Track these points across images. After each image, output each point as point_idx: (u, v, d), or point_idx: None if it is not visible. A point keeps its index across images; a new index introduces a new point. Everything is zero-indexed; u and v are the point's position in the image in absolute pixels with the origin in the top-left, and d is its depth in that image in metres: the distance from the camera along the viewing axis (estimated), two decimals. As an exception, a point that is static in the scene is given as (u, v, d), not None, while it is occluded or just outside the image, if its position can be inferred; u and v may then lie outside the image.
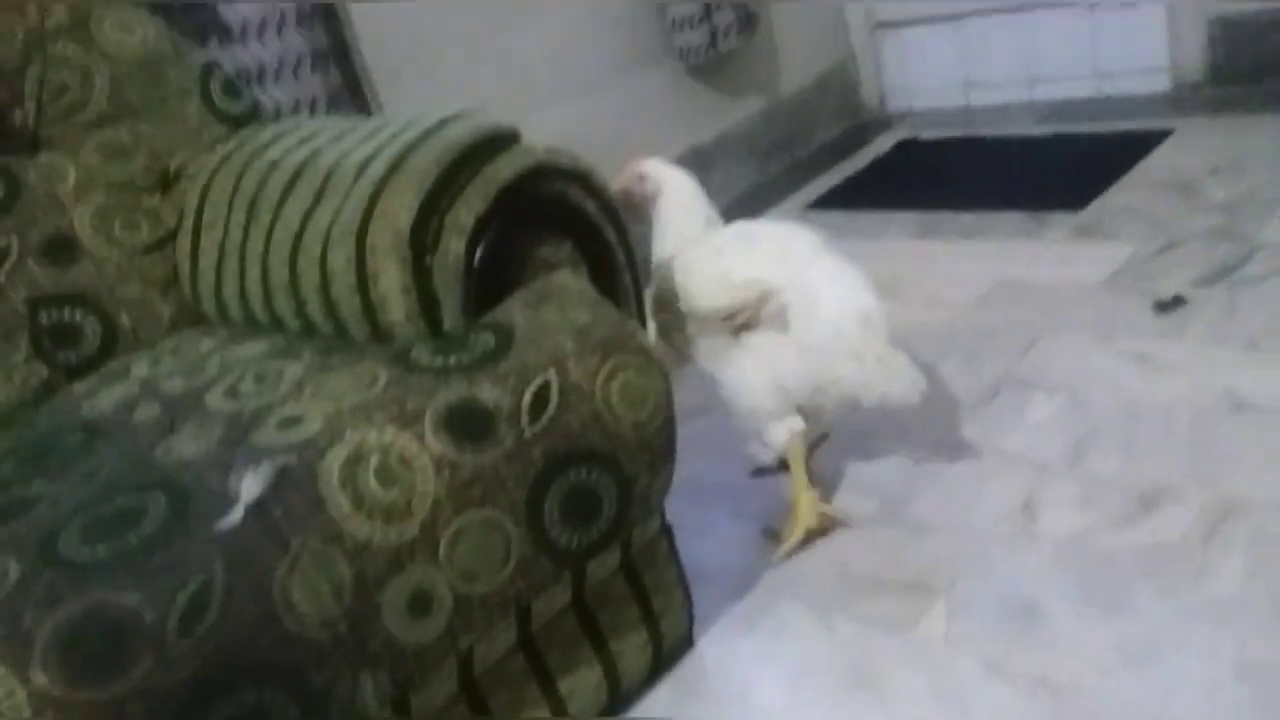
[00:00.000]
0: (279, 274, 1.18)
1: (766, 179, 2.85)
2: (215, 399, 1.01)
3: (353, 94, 1.91)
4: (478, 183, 1.06)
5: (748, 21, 2.61)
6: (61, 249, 1.30)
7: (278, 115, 1.62)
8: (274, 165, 1.27)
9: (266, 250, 1.21)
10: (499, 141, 1.11)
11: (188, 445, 0.93)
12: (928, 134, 2.87)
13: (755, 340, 1.34)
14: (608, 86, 2.48)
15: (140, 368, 1.18)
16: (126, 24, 1.38)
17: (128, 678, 0.74)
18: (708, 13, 2.50)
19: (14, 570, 0.78)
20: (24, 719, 0.71)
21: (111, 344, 1.30)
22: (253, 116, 1.46)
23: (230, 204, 1.30)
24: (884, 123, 3.09)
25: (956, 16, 2.89)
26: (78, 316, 1.29)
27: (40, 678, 0.72)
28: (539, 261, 1.14)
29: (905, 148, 2.84)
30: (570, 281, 1.10)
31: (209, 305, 1.34)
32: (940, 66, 2.98)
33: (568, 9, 2.36)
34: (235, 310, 1.29)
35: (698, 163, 2.66)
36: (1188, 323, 1.62)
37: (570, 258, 1.16)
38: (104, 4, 1.38)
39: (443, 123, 1.13)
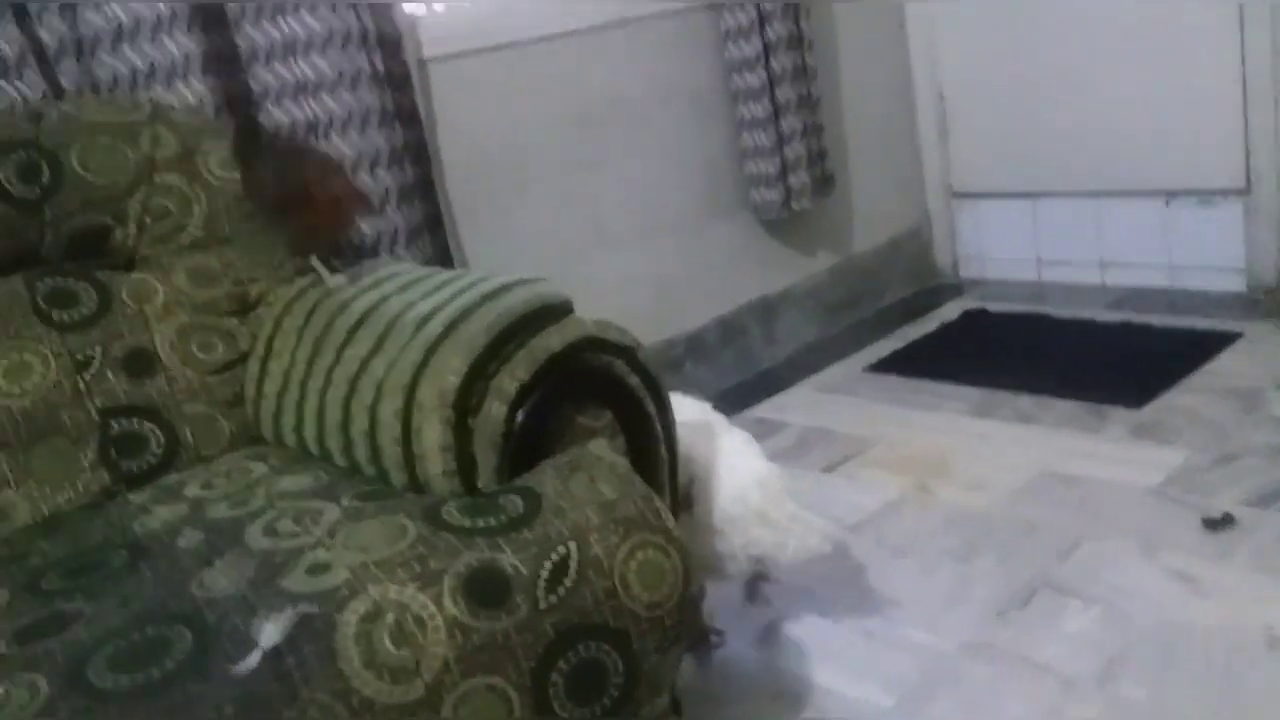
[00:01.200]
0: (333, 413, 1.24)
1: (830, 335, 2.89)
2: (254, 534, 1.06)
3: (433, 228, 2.01)
4: (525, 352, 1.12)
5: (824, 183, 2.69)
6: (140, 363, 1.39)
7: (359, 250, 1.71)
8: (343, 307, 1.34)
9: (325, 388, 1.27)
10: (551, 312, 1.16)
11: (221, 580, 0.97)
12: (996, 306, 2.89)
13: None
14: (681, 233, 2.56)
15: (193, 487, 1.24)
16: (227, 161, 1.48)
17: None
18: (784, 172, 2.59)
19: (44, 690, 0.83)
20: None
21: (172, 457, 1.37)
22: (337, 252, 1.55)
23: (299, 337, 1.38)
24: (955, 289, 3.12)
25: (1032, 194, 2.94)
26: (145, 428, 1.36)
27: (43, 807, 0.75)
28: (578, 427, 1.18)
29: (973, 317, 2.86)
30: (603, 453, 1.14)
31: (267, 429, 1.40)
32: (1014, 239, 3.03)
33: (649, 157, 2.46)
34: (290, 438, 1.35)
35: (764, 313, 2.72)
36: (1236, 545, 1.59)
37: (609, 427, 1.20)
38: (211, 140, 1.49)
39: (503, 288, 1.19)
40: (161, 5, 1.62)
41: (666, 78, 2.47)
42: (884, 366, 2.66)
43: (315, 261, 1.34)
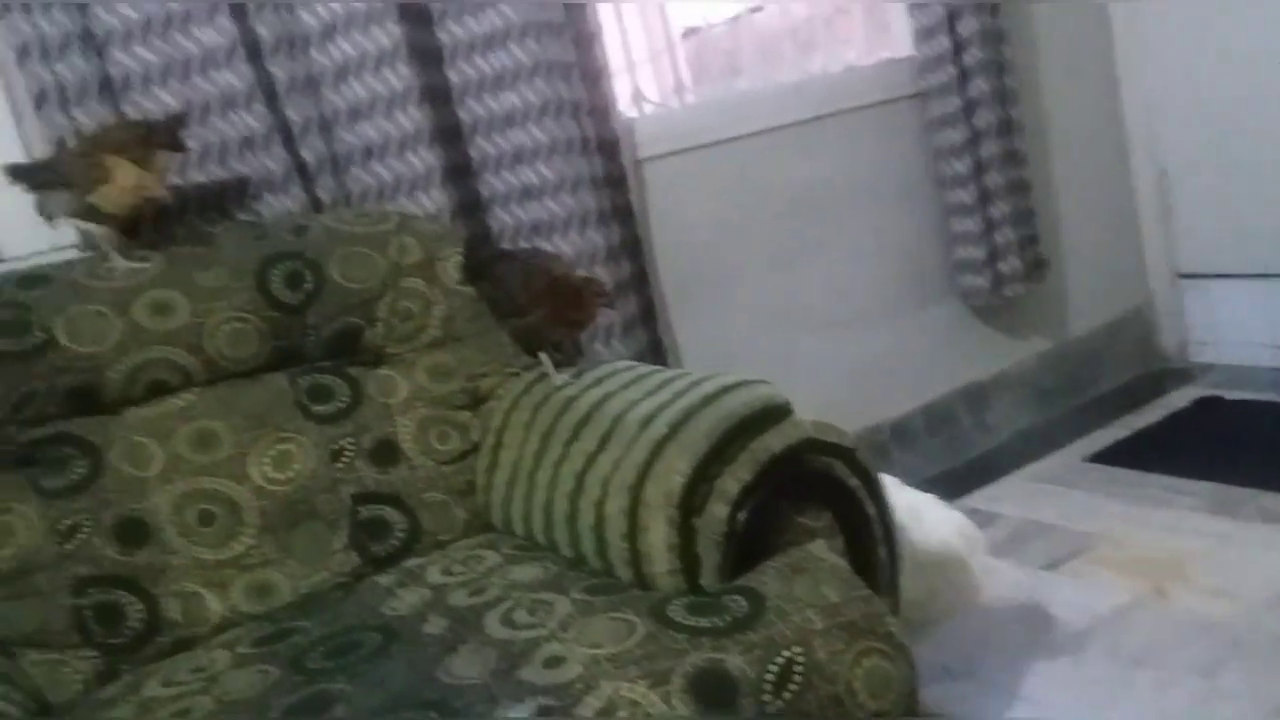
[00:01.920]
0: (560, 506, 1.31)
1: (1046, 423, 2.78)
2: (493, 623, 1.12)
3: (646, 320, 2.08)
4: (747, 455, 1.15)
5: (1036, 268, 2.62)
6: (386, 453, 1.50)
7: (578, 345, 1.79)
8: (568, 403, 1.41)
9: (553, 482, 1.34)
10: (771, 414, 1.19)
11: (465, 667, 1.04)
12: (1232, 393, 2.71)
13: None
14: (888, 319, 2.55)
15: (434, 572, 1.32)
16: (462, 266, 1.60)
17: None
18: (993, 258, 2.54)
19: (311, 768, 0.91)
20: None
21: (413, 542, 1.46)
22: (555, 347, 1.63)
23: (526, 431, 1.45)
24: (1183, 375, 2.95)
25: (1267, 275, 2.76)
26: (389, 514, 1.47)
27: None
28: (798, 528, 1.20)
29: (1206, 406, 2.69)
30: (825, 555, 1.15)
31: (497, 516, 1.48)
32: (1251, 322, 2.84)
33: (855, 244, 2.47)
34: (518, 526, 1.43)
35: (974, 400, 2.65)
36: None
37: (828, 527, 1.21)
38: (448, 247, 1.61)
39: (723, 390, 1.23)
40: (406, 123, 1.77)
41: (872, 166, 2.49)
42: (1106, 457, 2.53)
43: (544, 358, 1.41)
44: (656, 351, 2.11)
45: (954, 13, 2.38)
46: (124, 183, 1.43)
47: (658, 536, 1.14)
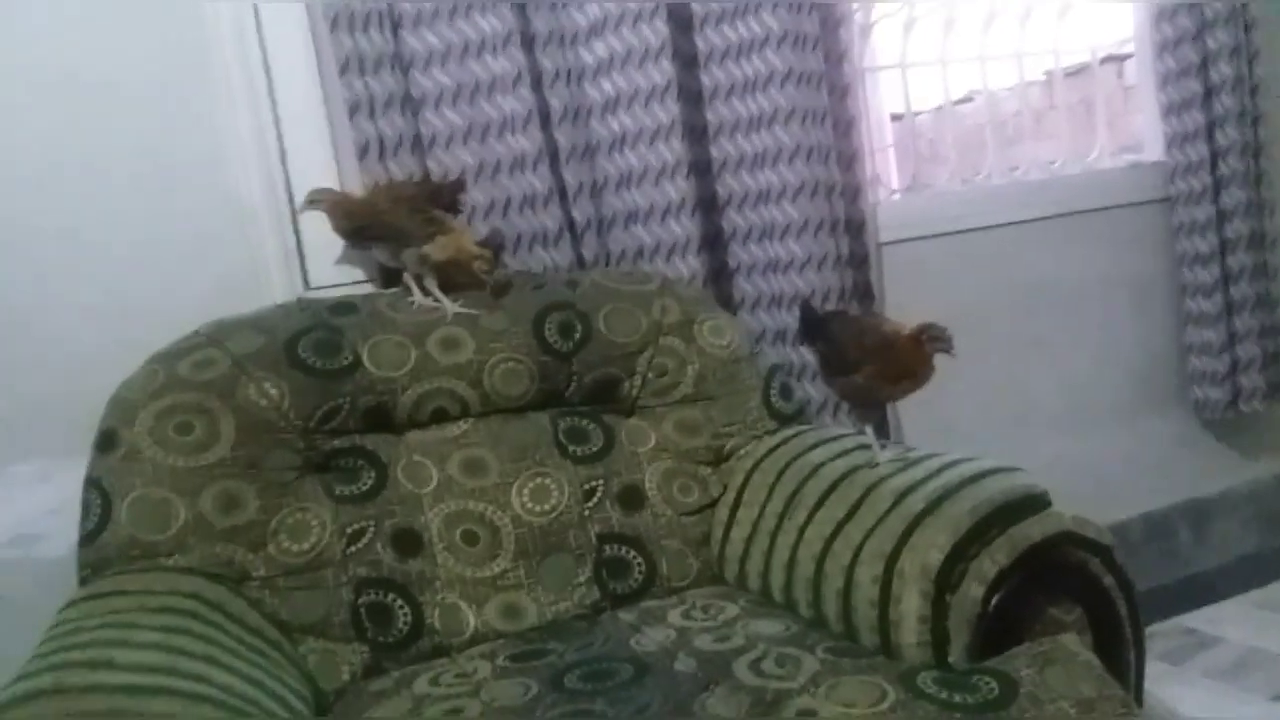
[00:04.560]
0: (805, 567, 1.36)
1: (1274, 549, 2.63)
2: (742, 669, 1.18)
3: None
4: (1006, 539, 1.17)
5: (1278, 385, 2.51)
6: (632, 498, 1.59)
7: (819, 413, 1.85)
8: (815, 470, 1.47)
9: (797, 543, 1.39)
10: (1032, 504, 1.21)
11: (720, 707, 1.10)
12: None
13: None
14: (1111, 424, 2.50)
15: (675, 615, 1.39)
16: (720, 330, 1.69)
17: None
18: (1234, 371, 2.45)
19: (583, 778, 0.98)
20: None
21: (649, 585, 1.54)
22: (799, 417, 1.69)
23: (770, 491, 1.52)
24: None
25: None
26: (630, 555, 1.55)
27: None
28: (1049, 619, 1.21)
29: None
30: (1079, 649, 1.15)
31: (730, 571, 1.54)
32: None
33: (1084, 344, 2.44)
34: (754, 582, 1.48)
35: (1196, 516, 2.55)
36: None
37: (1079, 622, 1.21)
38: (707, 311, 1.71)
39: (982, 474, 1.26)
40: (672, 192, 1.89)
41: (1109, 267, 2.46)
42: (1345, 593, 2.38)
43: (869, 432, 1.45)
44: (882, 432, 2.14)
45: (1213, 121, 2.35)
46: (455, 240, 1.62)
47: (910, 607, 1.17)
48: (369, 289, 1.77)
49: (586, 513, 1.56)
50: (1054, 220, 2.39)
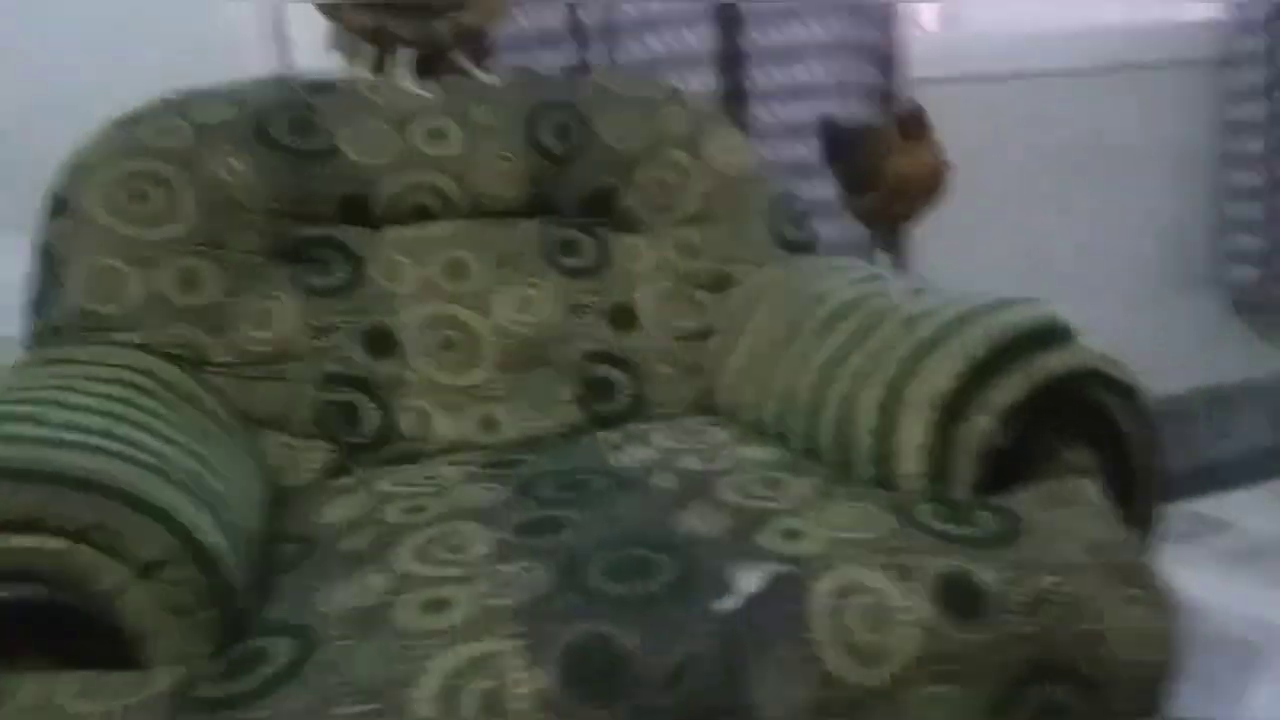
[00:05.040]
0: (802, 396, 1.26)
1: (1291, 444, 2.55)
2: (725, 489, 1.09)
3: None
4: (1022, 370, 1.07)
5: (1317, 271, 2.39)
6: (623, 318, 1.49)
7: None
8: (820, 298, 1.36)
9: (797, 371, 1.29)
10: (1055, 335, 1.10)
11: (697, 523, 1.01)
12: None
13: None
14: (1134, 299, 2.38)
15: (659, 438, 1.30)
16: (730, 147, 1.56)
17: (612, 708, 0.81)
18: (1274, 250, 2.32)
19: (545, 582, 0.90)
20: (522, 710, 0.80)
21: (637, 409, 1.45)
22: (809, 247, 1.57)
23: (771, 320, 1.41)
24: None
25: None
26: (617, 376, 1.46)
27: (543, 680, 0.82)
28: (1060, 462, 1.11)
29: None
30: (1092, 494, 1.06)
31: (723, 399, 1.45)
32: None
33: (1113, 212, 2.31)
34: (747, 413, 1.39)
35: (1217, 403, 2.45)
36: None
37: (1092, 468, 1.12)
38: (720, 126, 1.57)
39: (1001, 303, 1.15)
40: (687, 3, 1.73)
41: (1150, 132, 2.31)
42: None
43: (879, 258, 1.33)
44: (899, 265, 2.03)
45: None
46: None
47: (912, 436, 1.08)
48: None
49: (574, 329, 1.46)
50: (1097, 74, 2.23)
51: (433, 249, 1.44)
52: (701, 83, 1.76)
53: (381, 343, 1.38)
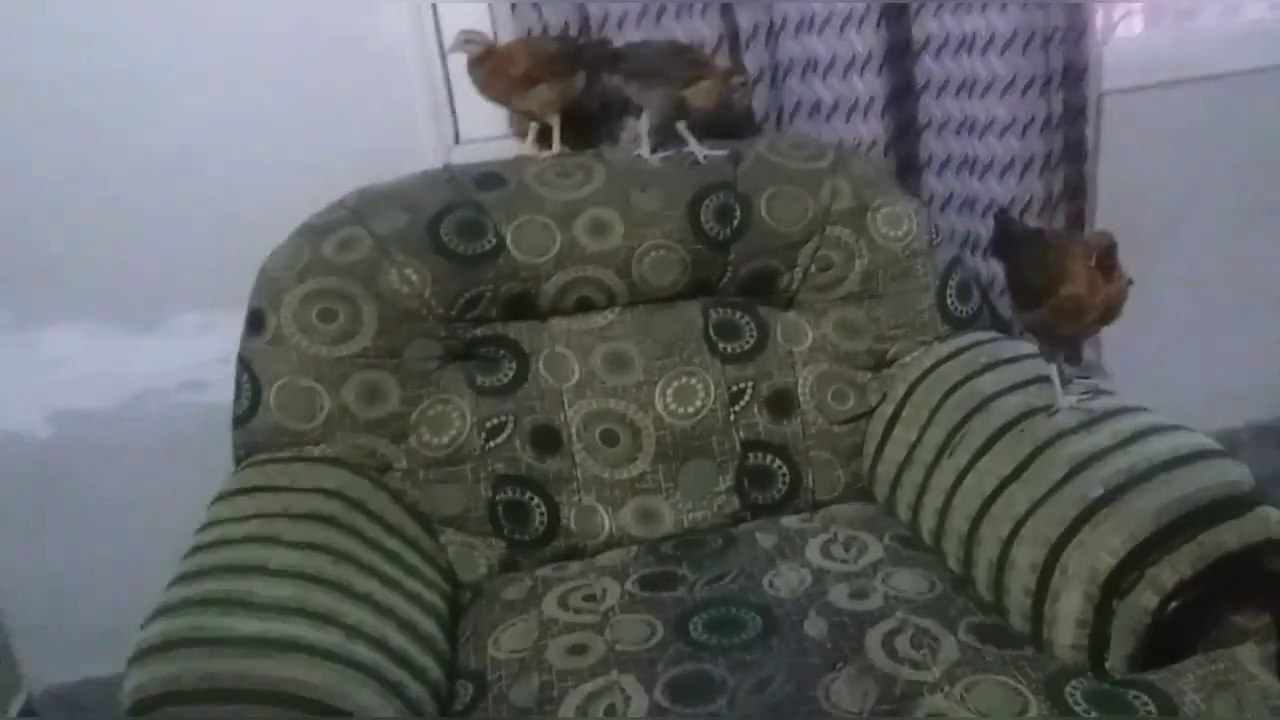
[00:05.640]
0: (958, 520, 1.26)
1: None
2: (874, 645, 1.12)
3: None
4: (1194, 546, 1.04)
5: None
6: (782, 403, 1.50)
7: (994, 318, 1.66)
8: (984, 403, 1.33)
9: (953, 488, 1.29)
10: (1233, 505, 1.06)
11: (846, 696, 1.05)
12: None
13: None
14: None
15: (813, 548, 1.34)
16: (895, 219, 1.52)
17: None
18: None
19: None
20: None
21: (793, 496, 1.48)
22: (975, 321, 1.53)
23: (931, 415, 1.40)
24: None
25: None
26: (775, 464, 1.49)
27: None
28: (1229, 625, 1.08)
29: None
30: (1257, 669, 1.03)
31: (881, 492, 1.46)
32: None
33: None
34: (903, 513, 1.40)
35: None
36: None
37: (1266, 630, 1.08)
38: (884, 195, 1.53)
39: (1180, 459, 1.10)
40: (858, 42, 1.65)
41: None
42: None
43: (1053, 372, 1.29)
44: (1073, 358, 1.94)
45: None
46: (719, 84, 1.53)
47: (1070, 609, 1.07)
48: (515, 145, 1.66)
49: (732, 417, 1.49)
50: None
51: (595, 340, 1.49)
52: (869, 129, 1.69)
53: (548, 440, 1.45)
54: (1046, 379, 1.31)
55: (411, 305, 1.42)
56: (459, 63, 1.57)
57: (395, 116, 1.67)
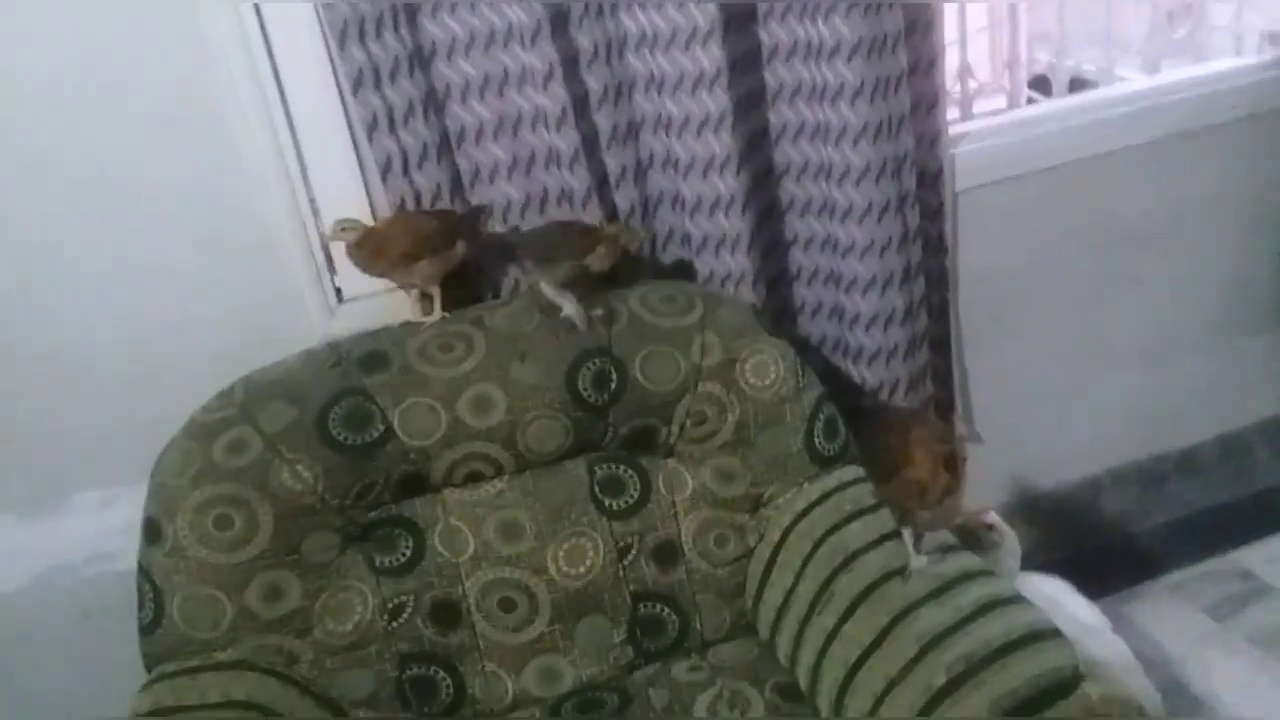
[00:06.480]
0: (828, 684, 1.38)
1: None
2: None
3: (936, 348, 2.04)
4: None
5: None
6: (667, 554, 1.60)
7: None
8: (849, 560, 1.45)
9: (822, 651, 1.41)
10: (1059, 690, 1.19)
11: None
12: None
13: None
14: (1198, 349, 2.37)
15: (702, 705, 1.45)
16: (763, 368, 1.61)
17: None
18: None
19: None
20: None
21: (682, 640, 1.59)
22: (842, 458, 1.64)
23: (804, 564, 1.51)
24: None
25: None
26: (664, 612, 1.59)
27: None
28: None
29: None
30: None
31: (763, 630, 1.58)
32: None
33: (1176, 271, 2.26)
34: (784, 659, 1.52)
35: (1274, 434, 2.45)
36: None
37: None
38: (752, 346, 1.62)
39: (1011, 645, 1.23)
40: (713, 142, 1.72)
41: (1211, 189, 2.22)
42: None
43: (906, 536, 1.41)
44: (943, 378, 2.08)
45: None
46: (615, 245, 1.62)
47: (919, 793, 1.20)
48: (399, 301, 1.71)
49: (622, 572, 1.58)
50: (1160, 145, 2.14)
51: (487, 511, 1.57)
52: (736, 261, 1.78)
53: (448, 614, 1.53)
54: (900, 538, 1.44)
55: (306, 501, 1.47)
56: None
57: (278, 287, 1.71)
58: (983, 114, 2.17)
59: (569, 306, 1.60)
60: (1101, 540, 2.43)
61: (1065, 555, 2.18)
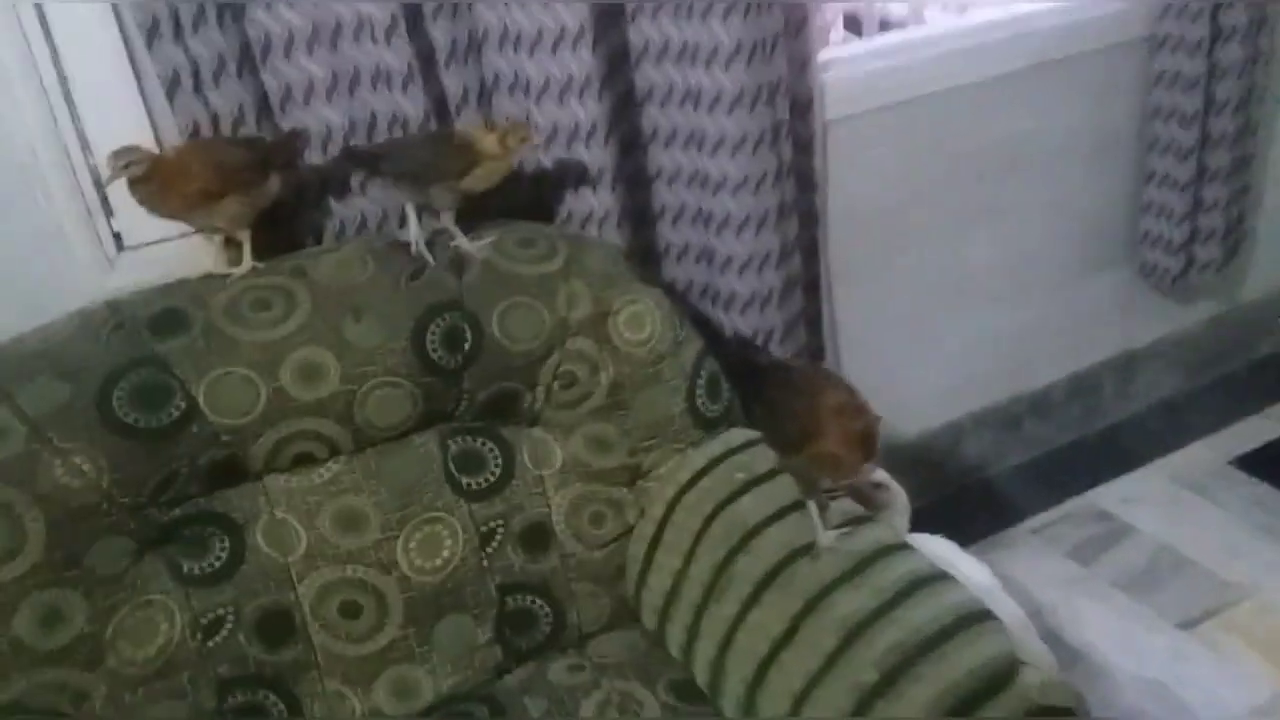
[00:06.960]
0: (734, 682, 1.22)
1: (1192, 394, 2.59)
2: None
3: (808, 292, 1.90)
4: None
5: (1233, 253, 2.35)
6: (536, 538, 1.39)
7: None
8: (747, 539, 1.29)
9: (725, 644, 1.24)
10: (997, 683, 1.07)
11: None
12: None
13: None
14: (1051, 289, 2.33)
15: (588, 710, 1.26)
16: (638, 320, 1.41)
17: None
18: (1192, 240, 2.27)
19: None
20: None
21: (557, 635, 1.39)
22: (726, 419, 1.47)
23: (694, 544, 1.34)
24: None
25: None
26: (536, 604, 1.39)
27: None
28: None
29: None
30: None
31: (649, 619, 1.40)
32: None
33: (1034, 208, 2.21)
34: (676, 651, 1.34)
35: (1123, 368, 2.47)
36: None
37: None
38: (624, 296, 1.41)
39: (944, 633, 1.10)
40: (581, 113, 1.51)
41: (1071, 123, 2.16)
42: (1257, 464, 2.37)
43: (812, 508, 1.24)
44: (814, 324, 1.94)
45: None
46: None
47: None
48: (197, 246, 1.41)
49: (485, 561, 1.37)
50: (1021, 76, 2.06)
51: (321, 499, 1.31)
52: (600, 200, 1.57)
53: (278, 626, 1.28)
54: (806, 509, 1.28)
55: (88, 500, 1.18)
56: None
57: (37, 232, 1.37)
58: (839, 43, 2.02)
59: (459, 236, 1.35)
60: (961, 486, 2.38)
61: (927, 504, 2.11)
